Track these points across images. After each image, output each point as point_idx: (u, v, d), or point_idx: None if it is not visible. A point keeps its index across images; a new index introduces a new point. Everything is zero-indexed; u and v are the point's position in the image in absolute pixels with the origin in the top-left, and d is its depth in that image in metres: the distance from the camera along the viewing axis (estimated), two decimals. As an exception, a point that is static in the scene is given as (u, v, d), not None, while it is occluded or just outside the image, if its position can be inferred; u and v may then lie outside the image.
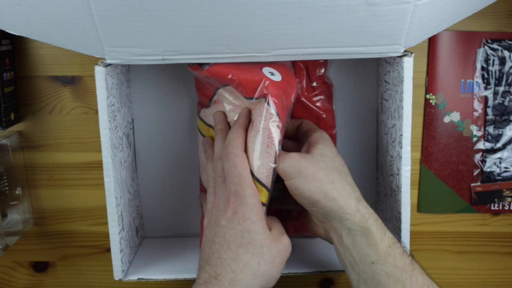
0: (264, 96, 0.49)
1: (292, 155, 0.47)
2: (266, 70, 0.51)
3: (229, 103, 0.53)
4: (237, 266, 0.43)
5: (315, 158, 0.47)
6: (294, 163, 0.46)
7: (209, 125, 0.56)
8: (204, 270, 0.44)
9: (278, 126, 0.48)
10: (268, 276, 0.44)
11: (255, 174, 0.47)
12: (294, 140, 0.57)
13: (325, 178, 0.46)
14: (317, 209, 0.47)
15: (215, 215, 0.47)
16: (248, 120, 0.50)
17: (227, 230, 0.45)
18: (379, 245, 0.44)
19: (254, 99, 0.50)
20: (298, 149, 0.52)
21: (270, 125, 0.48)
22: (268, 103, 0.48)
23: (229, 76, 0.50)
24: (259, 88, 0.49)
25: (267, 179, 0.48)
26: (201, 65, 0.51)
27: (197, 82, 0.58)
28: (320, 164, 0.46)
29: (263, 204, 0.47)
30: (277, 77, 0.51)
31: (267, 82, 0.49)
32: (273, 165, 0.48)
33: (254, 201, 0.45)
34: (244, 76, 0.50)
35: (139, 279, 0.55)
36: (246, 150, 0.48)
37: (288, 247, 0.46)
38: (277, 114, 0.49)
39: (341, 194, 0.46)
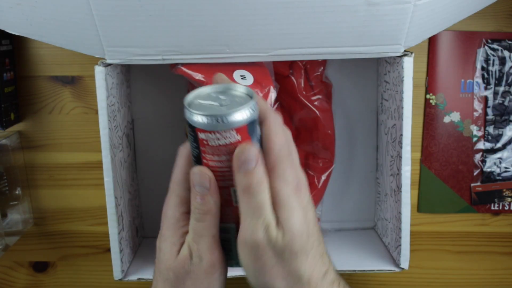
0: None
1: (255, 238, 0.33)
2: (238, 74, 0.51)
3: None
4: None
5: (285, 249, 0.33)
6: (258, 256, 0.33)
7: None
8: None
9: None
10: None
11: None
12: None
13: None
14: None
15: None
16: None
17: None
18: None
19: None
20: None
21: None
22: None
23: (197, 78, 0.50)
24: None
25: None
26: (177, 64, 0.51)
27: (188, 82, 0.58)
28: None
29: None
30: (248, 80, 0.51)
31: None
32: None
33: (171, 213, 0.38)
34: (211, 79, 0.50)
35: (139, 279, 0.54)
36: None
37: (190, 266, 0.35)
38: None
39: None
